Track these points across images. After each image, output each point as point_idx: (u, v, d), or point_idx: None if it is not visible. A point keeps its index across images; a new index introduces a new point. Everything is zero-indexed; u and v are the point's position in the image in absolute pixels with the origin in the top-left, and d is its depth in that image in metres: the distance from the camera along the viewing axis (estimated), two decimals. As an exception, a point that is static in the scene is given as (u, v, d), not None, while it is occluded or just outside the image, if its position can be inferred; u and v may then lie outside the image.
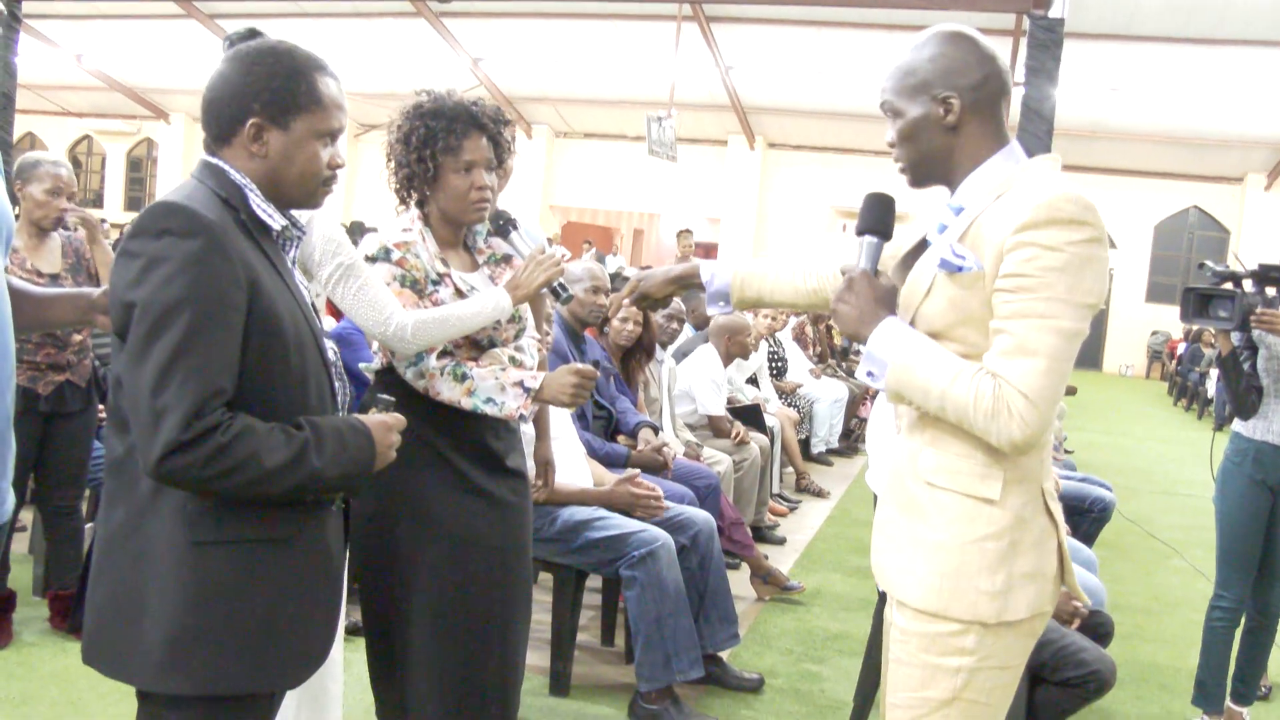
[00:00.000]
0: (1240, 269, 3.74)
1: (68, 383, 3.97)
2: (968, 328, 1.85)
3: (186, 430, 1.62)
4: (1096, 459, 10.34)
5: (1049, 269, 1.74)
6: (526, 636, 2.88)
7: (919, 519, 1.91)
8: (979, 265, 1.81)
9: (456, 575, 2.66)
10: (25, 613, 4.16)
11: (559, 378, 2.73)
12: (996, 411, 1.75)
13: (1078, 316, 1.76)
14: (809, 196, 23.89)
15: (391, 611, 2.69)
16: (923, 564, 1.89)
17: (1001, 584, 1.84)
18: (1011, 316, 1.76)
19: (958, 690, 1.88)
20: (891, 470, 2.03)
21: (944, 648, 1.88)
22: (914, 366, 1.83)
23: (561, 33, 19.96)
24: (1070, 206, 1.75)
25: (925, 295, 1.92)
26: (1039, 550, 1.88)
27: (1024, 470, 1.86)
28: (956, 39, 1.93)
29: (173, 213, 1.70)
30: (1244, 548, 3.87)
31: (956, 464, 1.87)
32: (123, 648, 1.76)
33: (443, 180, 2.66)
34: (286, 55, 1.84)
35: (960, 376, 1.78)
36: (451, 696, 2.65)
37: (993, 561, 1.84)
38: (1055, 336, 1.74)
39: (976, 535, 1.85)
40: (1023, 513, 1.86)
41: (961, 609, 1.85)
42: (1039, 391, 1.74)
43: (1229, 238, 22.39)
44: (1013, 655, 1.90)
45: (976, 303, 1.83)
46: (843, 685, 4.14)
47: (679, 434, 5.64)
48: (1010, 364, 1.75)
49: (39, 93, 25.52)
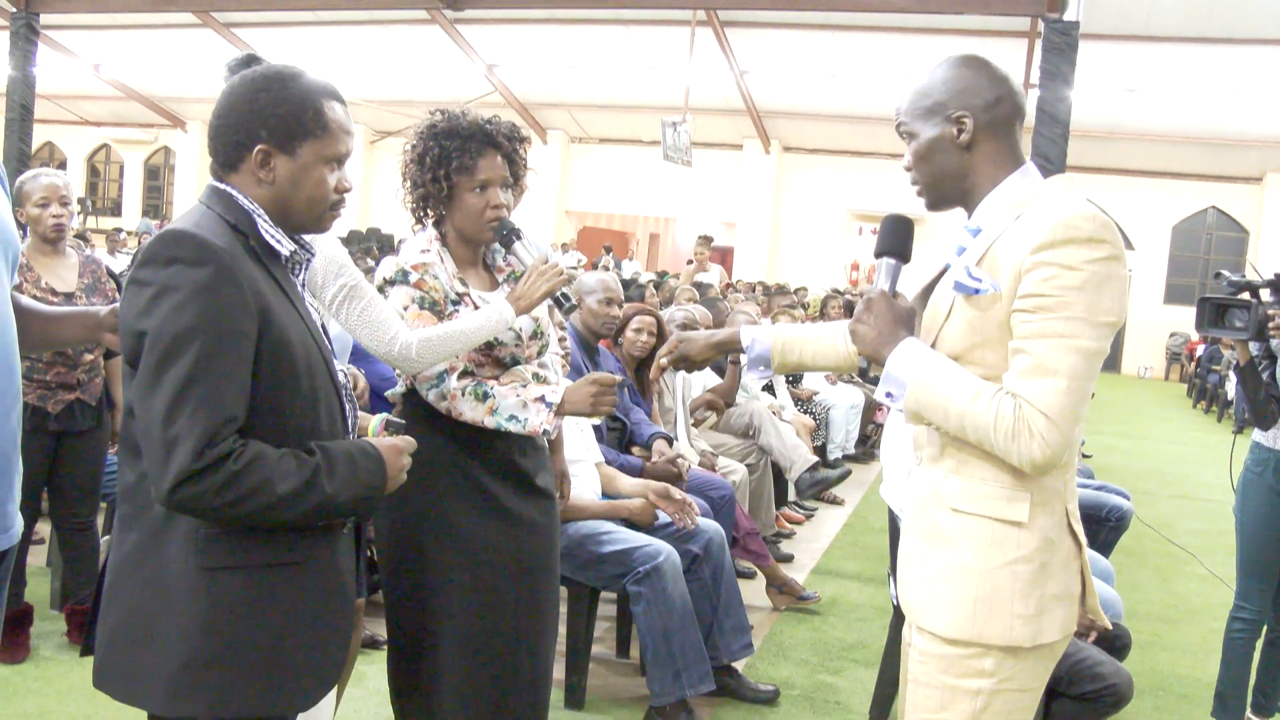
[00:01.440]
0: (1257, 278, 3.71)
1: (78, 401, 3.98)
2: (986, 350, 1.86)
3: (199, 459, 1.63)
4: (1114, 462, 10.29)
5: (1068, 288, 1.74)
6: (553, 655, 2.88)
7: (947, 547, 1.90)
8: (995, 287, 1.82)
9: (486, 597, 2.68)
10: (43, 627, 4.18)
11: (579, 389, 2.74)
12: (1018, 432, 1.75)
13: (1098, 335, 1.76)
14: (825, 200, 23.85)
15: (421, 632, 2.70)
16: (953, 591, 1.88)
17: (1035, 607, 1.84)
18: (1031, 336, 1.77)
19: (977, 713, 1.88)
20: (915, 502, 2.02)
21: (964, 670, 1.87)
22: (933, 386, 1.83)
23: (576, 38, 19.99)
24: (1088, 225, 1.76)
25: (945, 319, 1.93)
26: (1067, 571, 1.88)
27: (1049, 491, 1.86)
28: (969, 61, 1.96)
29: (182, 241, 1.71)
30: (1265, 558, 3.83)
31: (982, 489, 1.87)
32: (134, 672, 1.77)
33: (458, 199, 2.67)
34: (293, 81, 1.85)
35: (980, 396, 1.78)
36: (483, 716, 2.67)
37: (1025, 585, 1.84)
38: (1075, 356, 1.75)
39: (1007, 559, 1.85)
40: (1050, 534, 1.86)
41: (996, 634, 1.84)
42: (1060, 411, 1.74)
43: (1248, 238, 22.25)
44: (1033, 678, 1.90)
45: (994, 325, 1.84)
46: (858, 696, 4.13)
47: (694, 444, 5.63)
48: (1030, 384, 1.76)
49: (57, 102, 25.72)
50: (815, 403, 8.46)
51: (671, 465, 4.58)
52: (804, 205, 24.20)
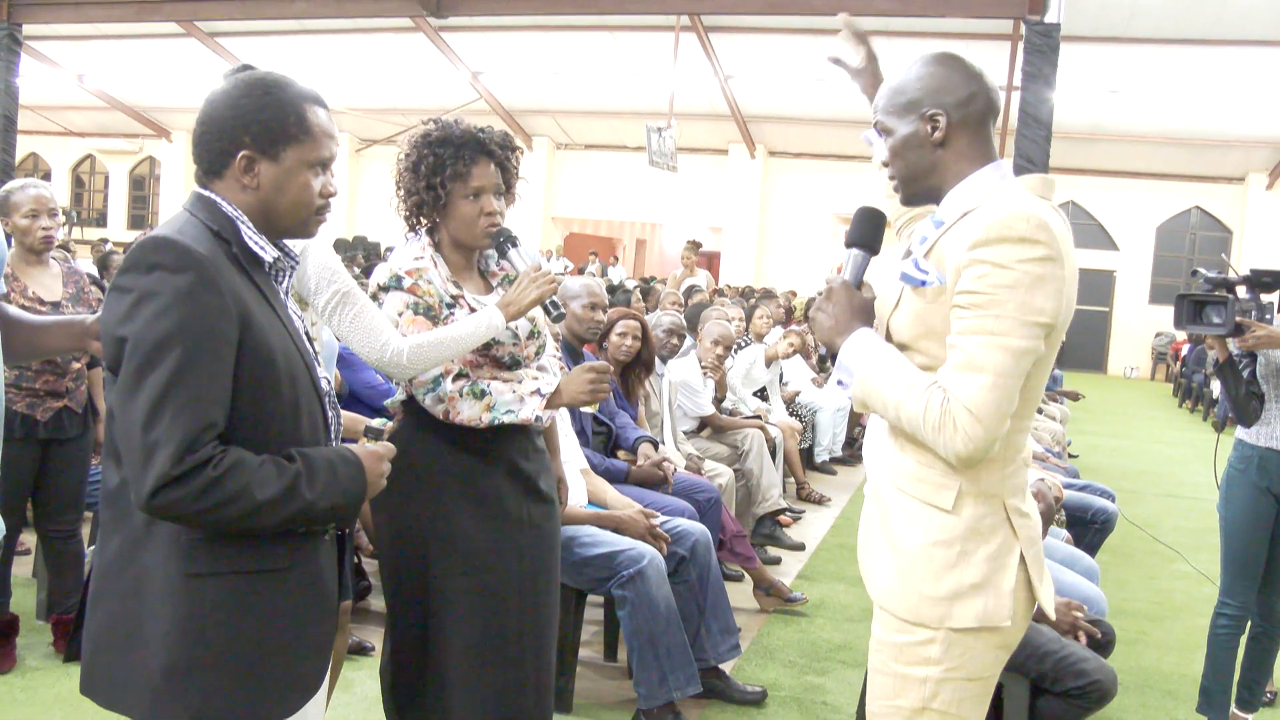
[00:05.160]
0: (1234, 275, 3.75)
1: (65, 408, 3.99)
2: (930, 340, 1.92)
3: (178, 465, 1.64)
4: (1101, 462, 10.33)
5: (999, 286, 1.78)
6: (554, 658, 2.90)
7: (887, 520, 1.99)
8: (940, 280, 1.87)
9: (490, 602, 2.69)
10: (29, 638, 4.17)
11: (575, 378, 2.79)
12: (943, 425, 1.80)
13: (1028, 334, 1.79)
14: (810, 204, 23.87)
15: (425, 639, 2.71)
16: (882, 561, 1.98)
17: (946, 591, 1.89)
18: (963, 333, 1.81)
19: (926, 700, 1.93)
20: (875, 472, 2.09)
21: (911, 657, 1.93)
22: (877, 376, 1.90)
23: (560, 45, 19.98)
24: (1022, 225, 1.79)
25: (894, 307, 1.99)
26: (993, 564, 1.90)
27: (983, 484, 1.90)
28: (944, 59, 2.00)
29: (163, 247, 1.71)
30: (1249, 555, 3.86)
31: (919, 471, 1.93)
32: (119, 678, 1.77)
33: (452, 207, 2.71)
34: (275, 87, 1.85)
35: (915, 388, 1.84)
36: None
37: (938, 568, 1.90)
38: (1003, 354, 1.78)
39: (928, 540, 1.91)
40: (978, 525, 1.90)
41: (906, 609, 1.92)
42: (983, 407, 1.78)
43: (1231, 238, 22.34)
44: (981, 667, 1.94)
45: (938, 317, 1.88)
46: (846, 697, 4.14)
47: (680, 447, 5.65)
48: (958, 379, 1.80)
49: (41, 113, 25.58)
50: (801, 405, 8.49)
51: (657, 469, 4.60)
52: (790, 209, 24.22)
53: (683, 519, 4.21)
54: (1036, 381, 1.91)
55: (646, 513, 3.98)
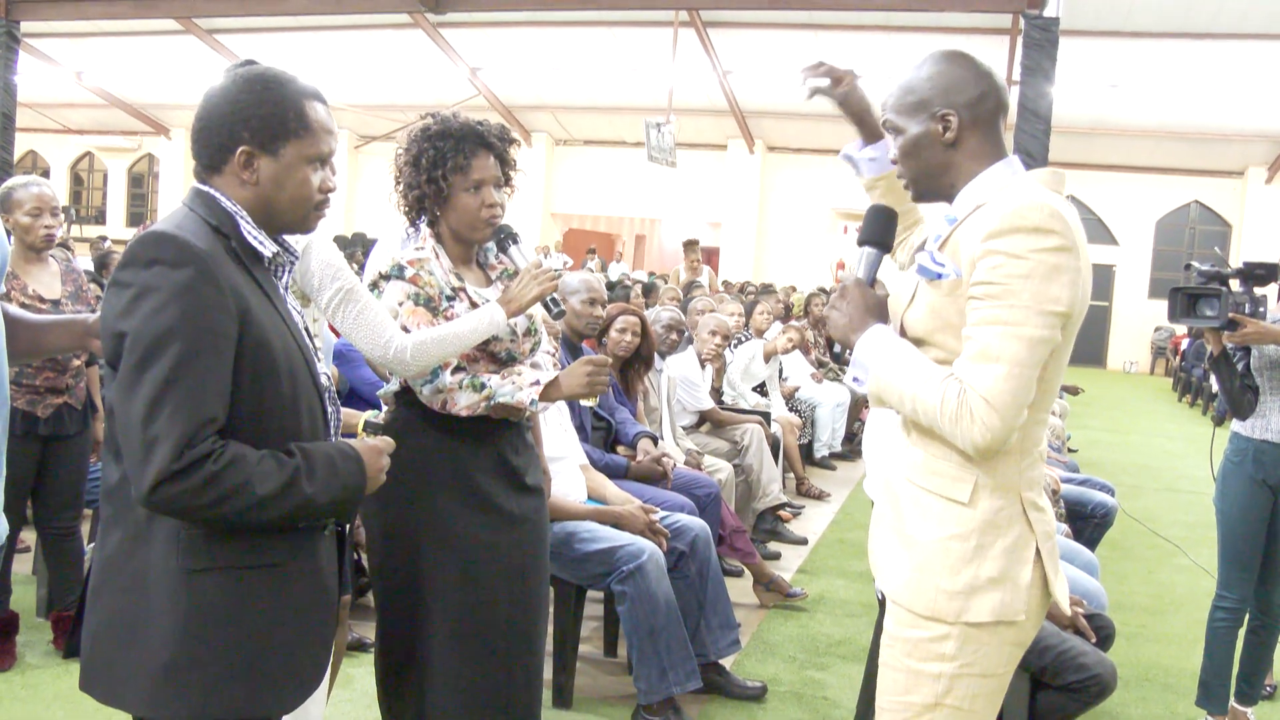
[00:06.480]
0: (1227, 269, 3.75)
1: (66, 405, 4.00)
2: (946, 334, 1.91)
3: (178, 459, 1.64)
4: (1100, 456, 10.33)
5: (1014, 276, 1.78)
6: (544, 652, 2.90)
7: (901, 515, 1.98)
8: (957, 273, 1.87)
9: (479, 594, 2.70)
10: (29, 635, 4.18)
11: (574, 371, 2.80)
12: (960, 415, 1.79)
13: (1044, 324, 1.79)
14: (810, 199, 23.84)
15: (413, 631, 2.71)
16: (898, 557, 1.97)
17: (963, 585, 1.88)
18: (979, 323, 1.81)
19: (940, 696, 1.92)
20: (886, 472, 2.09)
21: (925, 653, 1.92)
22: (892, 371, 1.89)
23: (559, 41, 19.96)
24: (1035, 215, 1.79)
25: (910, 302, 2.00)
26: (1010, 557, 1.90)
27: (1000, 477, 1.89)
28: (953, 57, 1.99)
29: (163, 242, 1.72)
30: (1246, 547, 3.87)
31: (935, 465, 1.93)
32: (119, 674, 1.77)
33: (454, 200, 2.72)
34: (274, 82, 1.86)
35: (931, 381, 1.83)
36: (479, 715, 2.68)
37: (955, 562, 1.89)
38: (1019, 343, 1.78)
39: (944, 534, 1.90)
40: (995, 519, 1.89)
41: (923, 604, 1.91)
42: (1000, 397, 1.77)
43: (1230, 232, 22.33)
44: (995, 663, 1.93)
45: (954, 310, 1.88)
46: (846, 692, 4.15)
47: (679, 443, 5.65)
48: (975, 369, 1.80)
49: (40, 111, 25.57)
50: (800, 400, 8.49)
51: (656, 464, 4.60)
52: (789, 204, 24.19)
53: (682, 514, 4.22)
54: (1053, 373, 1.90)
55: (646, 508, 3.99)
